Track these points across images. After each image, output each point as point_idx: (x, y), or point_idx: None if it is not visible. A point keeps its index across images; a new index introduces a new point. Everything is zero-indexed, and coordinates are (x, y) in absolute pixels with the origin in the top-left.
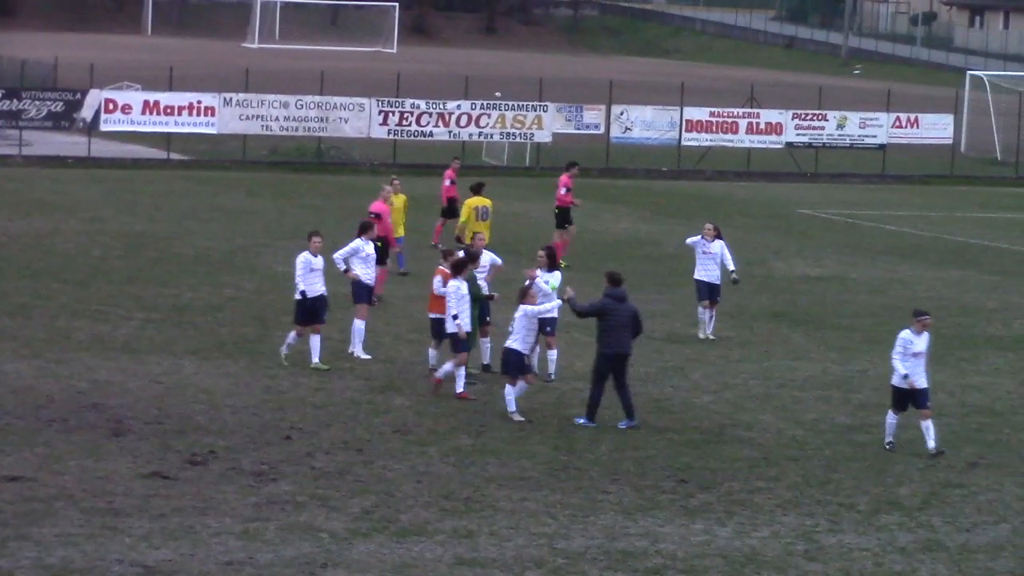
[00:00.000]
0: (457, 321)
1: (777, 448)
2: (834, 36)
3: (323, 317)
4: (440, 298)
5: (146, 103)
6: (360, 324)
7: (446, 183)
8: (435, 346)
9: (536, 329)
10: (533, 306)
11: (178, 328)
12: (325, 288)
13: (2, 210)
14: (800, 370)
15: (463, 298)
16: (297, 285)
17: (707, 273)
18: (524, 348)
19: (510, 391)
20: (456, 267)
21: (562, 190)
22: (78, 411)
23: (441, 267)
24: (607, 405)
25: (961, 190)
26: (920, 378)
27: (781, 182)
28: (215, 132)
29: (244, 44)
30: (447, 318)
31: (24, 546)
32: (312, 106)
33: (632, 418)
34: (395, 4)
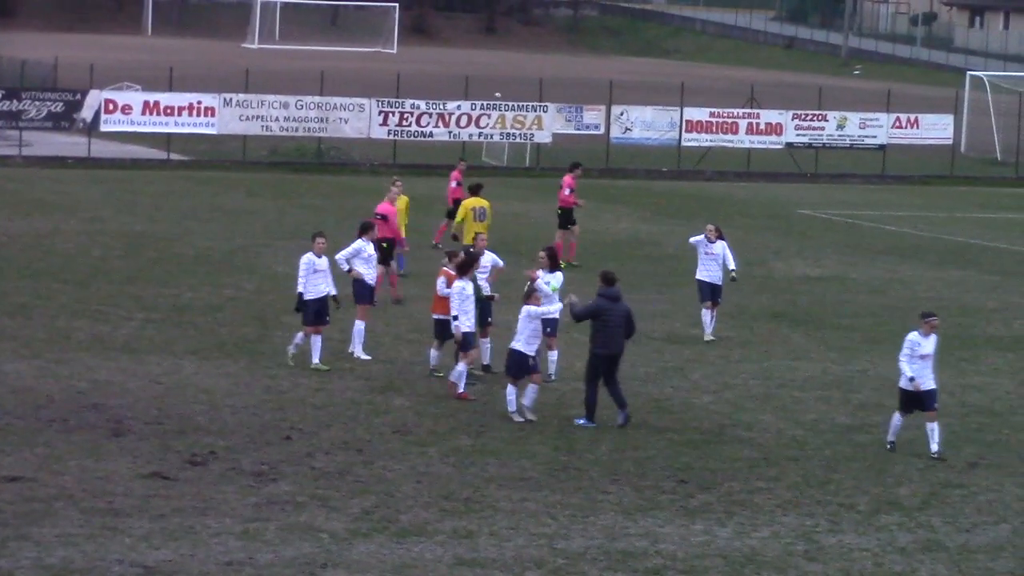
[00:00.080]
0: (456, 322)
1: (777, 448)
2: (834, 36)
3: (326, 318)
4: (444, 299)
5: (146, 103)
6: (360, 325)
7: (452, 184)
8: (437, 347)
9: (540, 330)
10: (536, 307)
11: (178, 328)
12: (334, 287)
13: (2, 210)
14: (800, 370)
15: (467, 299)
16: (296, 286)
17: (709, 274)
18: (527, 349)
19: (511, 391)
20: (462, 268)
21: (566, 191)
22: (78, 411)
23: (445, 268)
24: (607, 405)
25: (961, 190)
26: (927, 380)
27: (781, 182)
28: (215, 132)
29: (244, 44)
30: (452, 319)
31: (24, 546)
32: (312, 106)
33: (624, 408)
34: (395, 4)
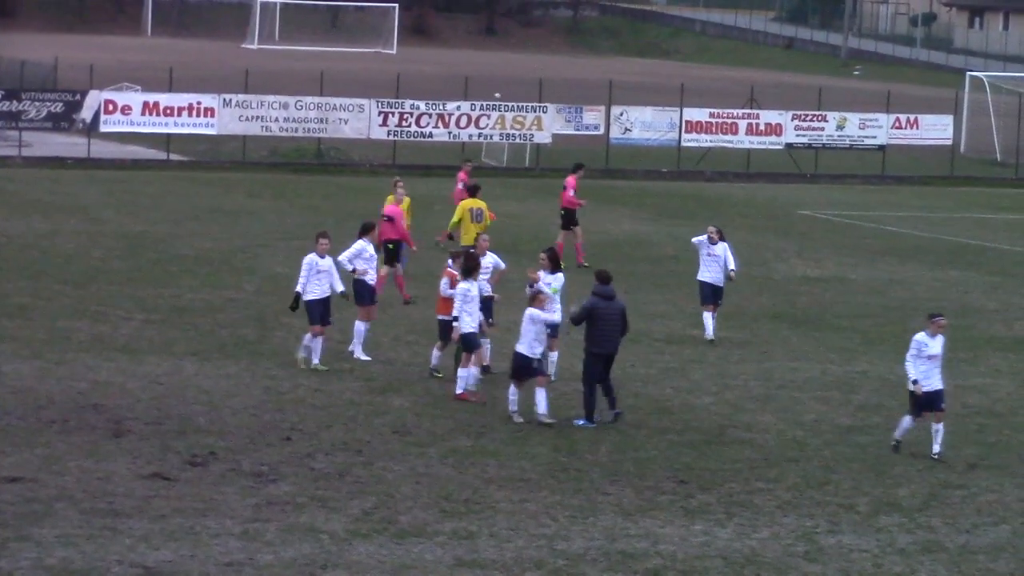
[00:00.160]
0: (456, 324)
1: (777, 449)
2: (834, 37)
3: (329, 319)
4: (447, 300)
5: (146, 104)
6: (361, 325)
7: (459, 186)
8: (440, 347)
9: (544, 333)
10: (539, 310)
11: (178, 329)
12: (341, 284)
13: (2, 211)
14: (800, 371)
15: (471, 301)
16: (296, 285)
17: (711, 275)
18: (530, 352)
19: (513, 392)
20: (467, 270)
21: (570, 191)
22: (78, 412)
23: (449, 269)
24: (605, 406)
25: (961, 191)
26: (935, 380)
27: (781, 183)
28: (215, 133)
29: (244, 45)
30: (451, 320)
31: (24, 547)
32: (312, 107)
33: (615, 407)
34: (395, 5)
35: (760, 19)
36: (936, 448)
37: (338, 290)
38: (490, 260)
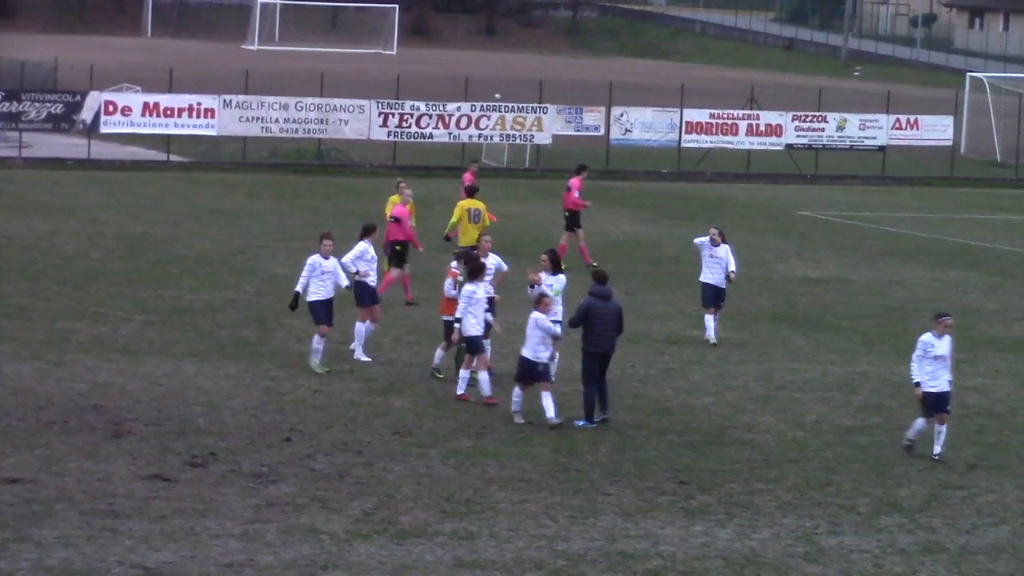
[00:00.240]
0: (457, 325)
1: (777, 450)
2: (834, 38)
3: (332, 320)
4: (451, 301)
5: (146, 105)
6: (361, 326)
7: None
8: (444, 348)
9: (548, 337)
10: (543, 315)
11: (178, 330)
12: (346, 280)
13: (2, 212)
14: (800, 372)
15: (477, 303)
16: (295, 285)
17: (713, 276)
18: (535, 356)
19: (517, 393)
20: (474, 272)
21: (575, 193)
22: (78, 413)
23: (452, 269)
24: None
25: (961, 192)
26: (942, 382)
27: (781, 184)
28: (215, 134)
29: (244, 46)
30: (454, 321)
31: (24, 548)
32: (312, 108)
33: (606, 410)
34: (395, 6)
35: (760, 20)
36: (937, 449)
37: (343, 284)
38: (492, 261)
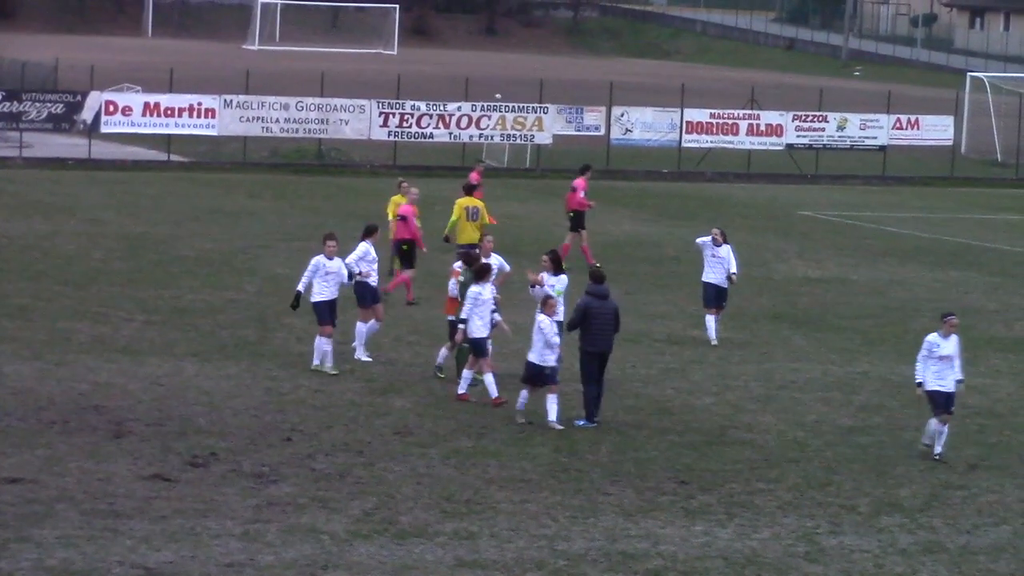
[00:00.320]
0: (461, 326)
1: (778, 450)
2: (834, 38)
3: (335, 321)
4: (455, 300)
5: (146, 105)
6: (363, 326)
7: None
8: (450, 348)
9: (554, 341)
10: (548, 319)
11: (179, 330)
12: (359, 283)
13: (3, 212)
14: (801, 372)
15: (483, 304)
16: (297, 284)
17: (715, 276)
18: (540, 360)
19: (524, 395)
20: (480, 273)
21: (580, 193)
22: (79, 413)
23: (456, 269)
24: (606, 407)
25: (961, 192)
26: (949, 382)
27: (781, 184)
28: (215, 134)
29: (244, 46)
30: (459, 322)
31: (25, 548)
32: (312, 108)
33: (597, 414)
34: (395, 6)
35: (761, 20)
36: (938, 448)
37: (346, 282)
38: (495, 262)
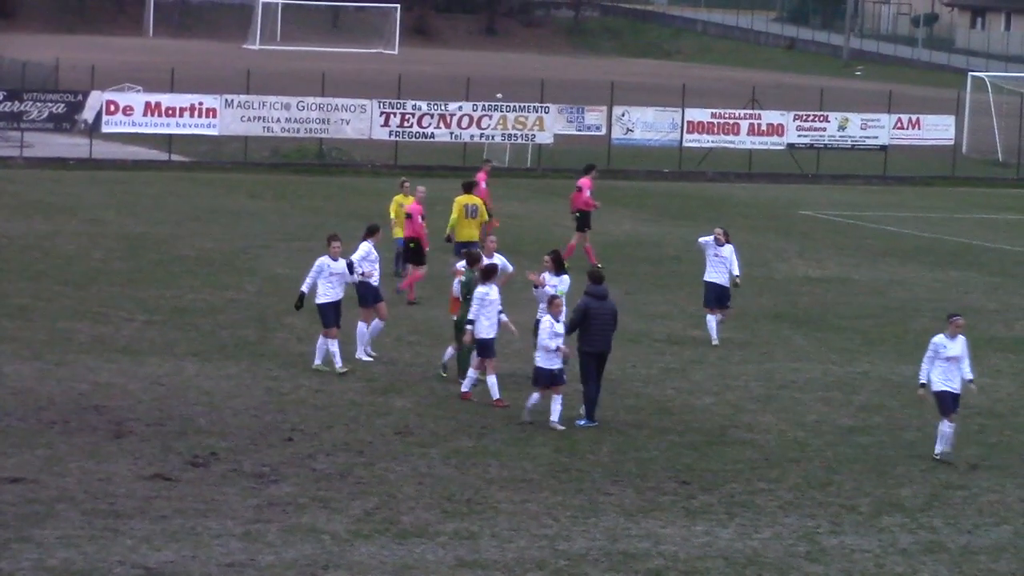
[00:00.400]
0: (469, 327)
1: (778, 449)
2: (835, 37)
3: (339, 321)
4: (459, 300)
5: (147, 105)
6: (364, 326)
7: (482, 185)
8: (456, 348)
9: (547, 344)
10: (550, 320)
11: (179, 330)
12: (361, 283)
13: (3, 212)
14: (801, 371)
15: (490, 305)
16: (301, 285)
17: (717, 276)
18: (548, 364)
19: (535, 398)
20: (486, 273)
21: (586, 192)
22: (79, 413)
23: (458, 269)
24: (606, 407)
25: (962, 191)
26: (955, 383)
27: (782, 183)
28: (216, 134)
29: (245, 46)
30: (467, 324)
31: (25, 548)
32: (313, 107)
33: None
34: (396, 6)
35: (762, 19)
36: (938, 448)
37: (349, 281)
38: (497, 262)
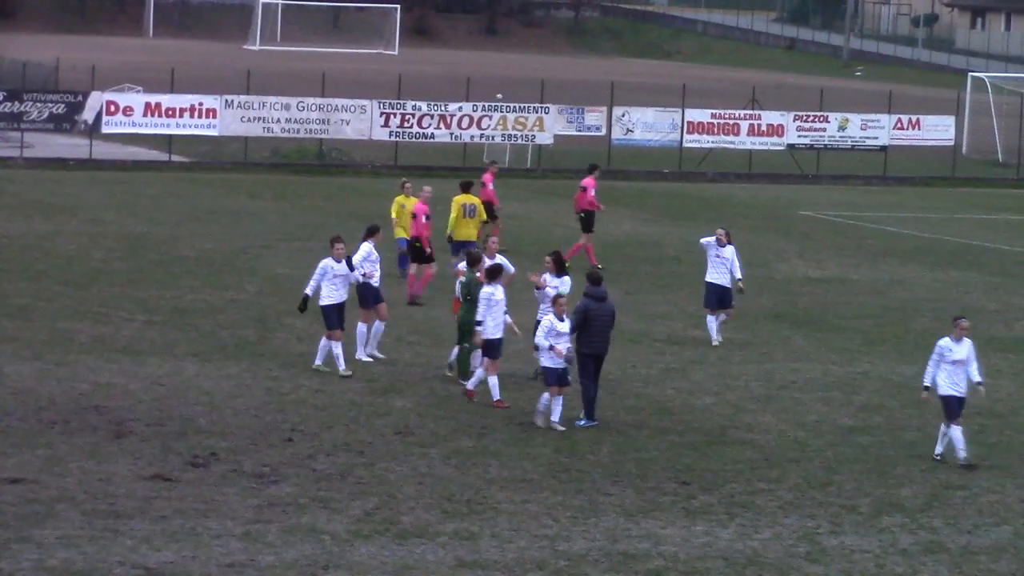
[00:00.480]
0: (479, 328)
1: (778, 450)
2: (835, 38)
3: (343, 323)
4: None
5: (147, 105)
6: (363, 327)
7: (490, 187)
8: (467, 349)
9: (540, 343)
10: (556, 319)
11: (179, 330)
12: (361, 283)
13: (3, 212)
14: (801, 372)
15: (495, 305)
16: (305, 287)
17: (719, 276)
18: (553, 363)
19: (546, 398)
20: (490, 274)
21: (591, 193)
22: (79, 413)
23: (459, 269)
24: (606, 407)
25: (962, 192)
26: (960, 386)
27: (783, 184)
28: (216, 134)
29: (245, 46)
30: (476, 324)
31: (25, 548)
32: (313, 108)
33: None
34: (396, 6)
35: (762, 20)
36: (939, 449)
37: (352, 277)
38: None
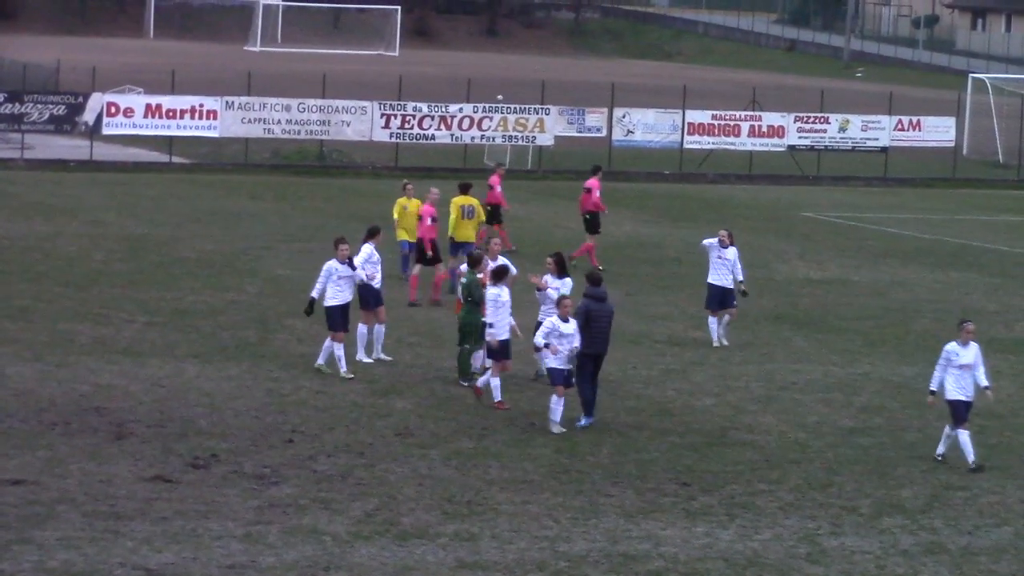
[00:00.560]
0: (491, 330)
1: (779, 451)
2: (836, 39)
3: (347, 326)
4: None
5: (148, 106)
6: (363, 328)
7: (497, 189)
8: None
9: (569, 344)
10: (559, 320)
11: (180, 331)
12: (362, 285)
13: (4, 213)
14: (802, 373)
15: (502, 306)
16: (311, 290)
17: (720, 278)
18: (559, 364)
19: (554, 400)
20: (496, 275)
21: (596, 193)
22: (80, 414)
23: (460, 270)
24: (606, 408)
25: (963, 193)
26: (967, 390)
27: (783, 185)
28: (217, 135)
29: (246, 47)
30: (487, 326)
31: (26, 549)
32: (314, 109)
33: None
34: (397, 7)
35: (762, 21)
36: (940, 450)
37: (358, 277)
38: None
